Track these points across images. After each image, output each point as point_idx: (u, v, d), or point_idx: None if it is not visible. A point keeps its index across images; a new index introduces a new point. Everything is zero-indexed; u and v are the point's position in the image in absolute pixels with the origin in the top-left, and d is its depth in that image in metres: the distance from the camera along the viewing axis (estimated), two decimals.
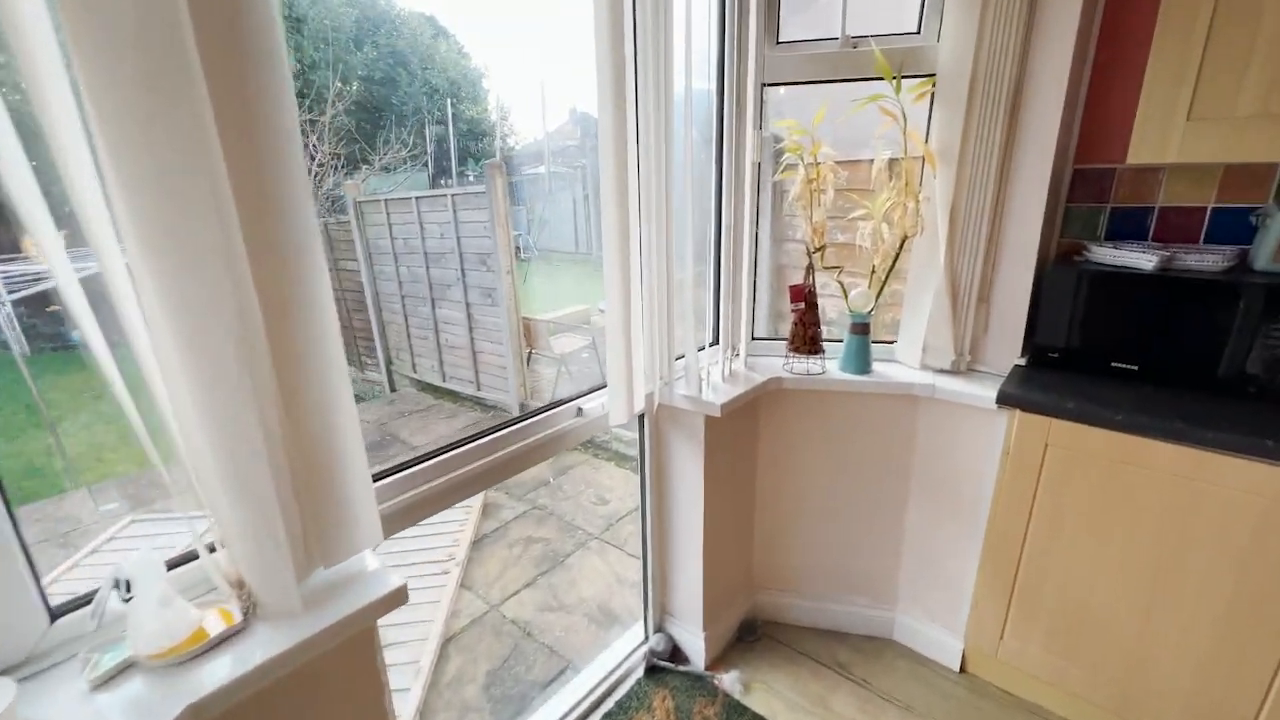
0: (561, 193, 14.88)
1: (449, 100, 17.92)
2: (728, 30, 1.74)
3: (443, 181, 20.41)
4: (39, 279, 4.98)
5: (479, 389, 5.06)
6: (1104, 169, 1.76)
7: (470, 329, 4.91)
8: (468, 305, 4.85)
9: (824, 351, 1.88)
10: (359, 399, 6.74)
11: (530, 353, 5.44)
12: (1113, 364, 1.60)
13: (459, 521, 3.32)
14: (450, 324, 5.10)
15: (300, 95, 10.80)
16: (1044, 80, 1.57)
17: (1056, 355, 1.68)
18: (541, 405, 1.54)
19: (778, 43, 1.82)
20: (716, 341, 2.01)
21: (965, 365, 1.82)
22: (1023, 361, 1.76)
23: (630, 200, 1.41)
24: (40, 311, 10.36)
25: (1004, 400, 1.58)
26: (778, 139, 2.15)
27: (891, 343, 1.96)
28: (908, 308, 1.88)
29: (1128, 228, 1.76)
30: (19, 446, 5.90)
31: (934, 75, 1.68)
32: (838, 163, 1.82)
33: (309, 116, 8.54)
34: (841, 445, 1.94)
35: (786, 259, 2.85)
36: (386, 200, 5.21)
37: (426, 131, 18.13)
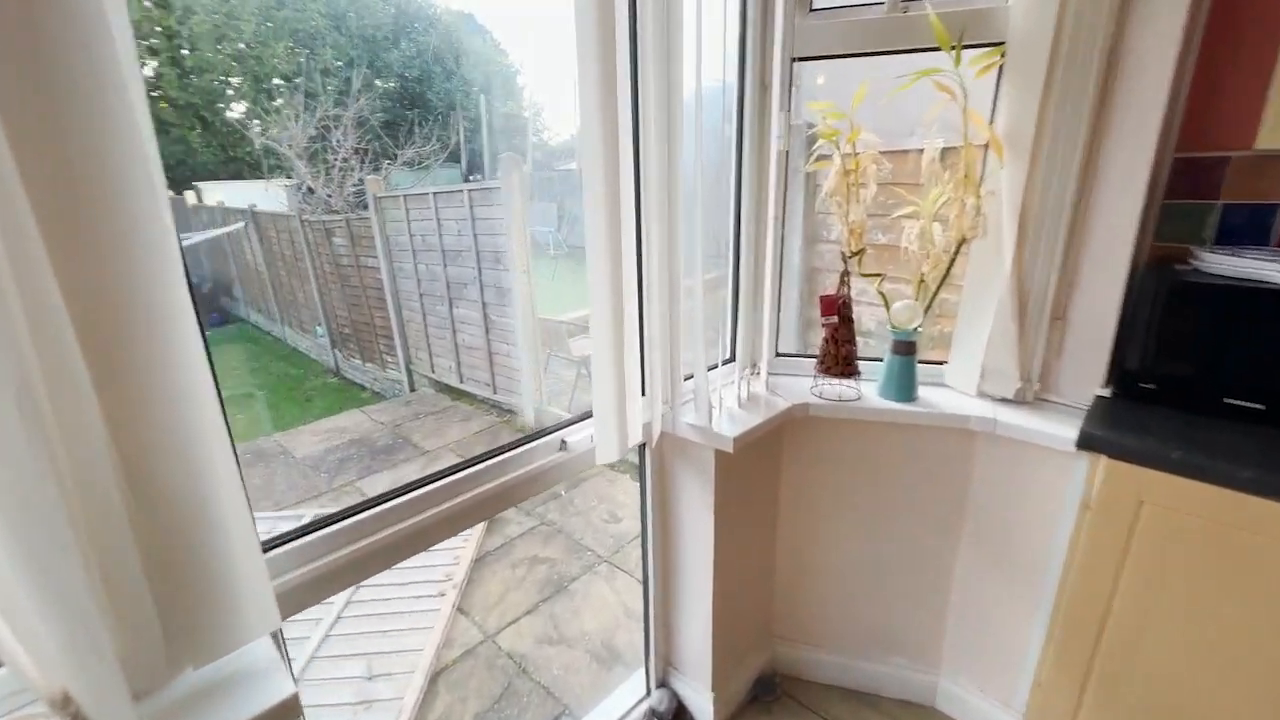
0: None
1: (483, 96, 17.96)
2: None
3: (474, 177, 20.52)
4: None
5: (495, 391, 4.89)
6: (1215, 157, 1.42)
7: (486, 330, 4.74)
8: (484, 305, 4.68)
9: (860, 373, 1.59)
10: (379, 397, 6.68)
11: (549, 355, 5.25)
12: (1229, 401, 1.28)
13: (462, 536, 3.13)
14: (467, 324, 4.94)
15: (340, 92, 10.87)
16: (1147, 45, 1.25)
17: (1152, 387, 1.36)
18: (515, 439, 1.31)
19: (811, 10, 1.54)
20: (734, 359, 1.75)
21: (1033, 395, 1.52)
22: (1106, 393, 1.44)
23: (623, 189, 1.16)
24: None
25: (1087, 443, 1.28)
26: (810, 124, 1.86)
27: (941, 363, 1.66)
28: (963, 322, 1.58)
29: (1245, 229, 1.42)
30: None
31: (1003, 44, 1.38)
32: (881, 152, 1.53)
33: (335, 112, 8.55)
34: (880, 484, 1.66)
35: (820, 261, 2.55)
36: (405, 196, 5.08)
37: (460, 128, 18.23)
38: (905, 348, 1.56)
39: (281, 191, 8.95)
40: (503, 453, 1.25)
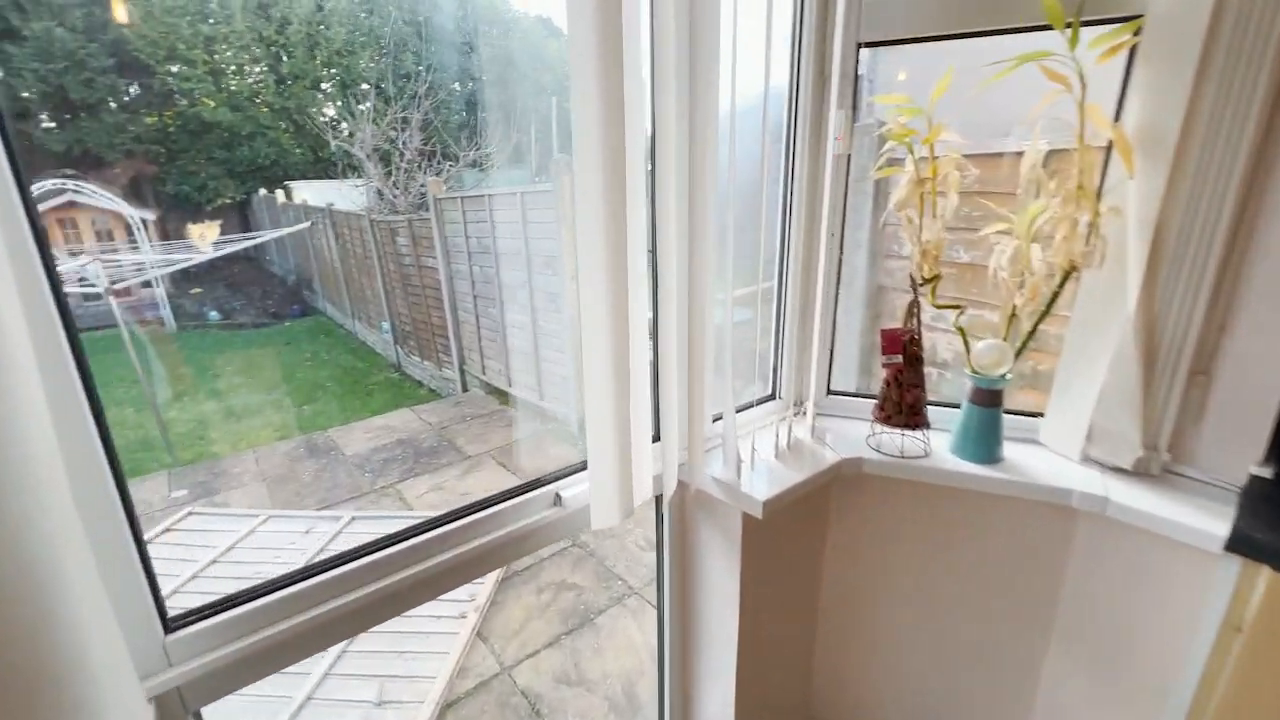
0: None
1: (554, 98, 18.21)
2: None
3: (539, 178, 20.88)
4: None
5: (542, 398, 4.80)
6: None
7: (535, 335, 4.65)
8: (533, 309, 4.60)
9: (929, 424, 1.31)
10: (434, 395, 6.77)
11: None
12: None
13: None
14: (517, 328, 4.88)
15: (411, 96, 11.24)
16: None
17: None
18: (502, 491, 1.13)
19: None
20: (775, 396, 1.51)
21: (1160, 467, 1.19)
22: (1267, 473, 1.10)
23: (628, 180, 0.95)
24: (185, 293, 11.51)
25: (1243, 544, 0.95)
26: (881, 122, 1.58)
27: (1035, 415, 1.35)
28: (1067, 367, 1.27)
29: None
30: (144, 418, 6.43)
31: (1138, 19, 1.07)
32: (966, 155, 1.25)
33: (404, 114, 8.79)
34: (949, 560, 1.37)
35: (889, 279, 2.24)
36: (463, 198, 5.08)
37: (530, 129, 18.57)
38: (988, 397, 1.26)
39: (354, 192, 9.33)
40: (485, 507, 1.07)
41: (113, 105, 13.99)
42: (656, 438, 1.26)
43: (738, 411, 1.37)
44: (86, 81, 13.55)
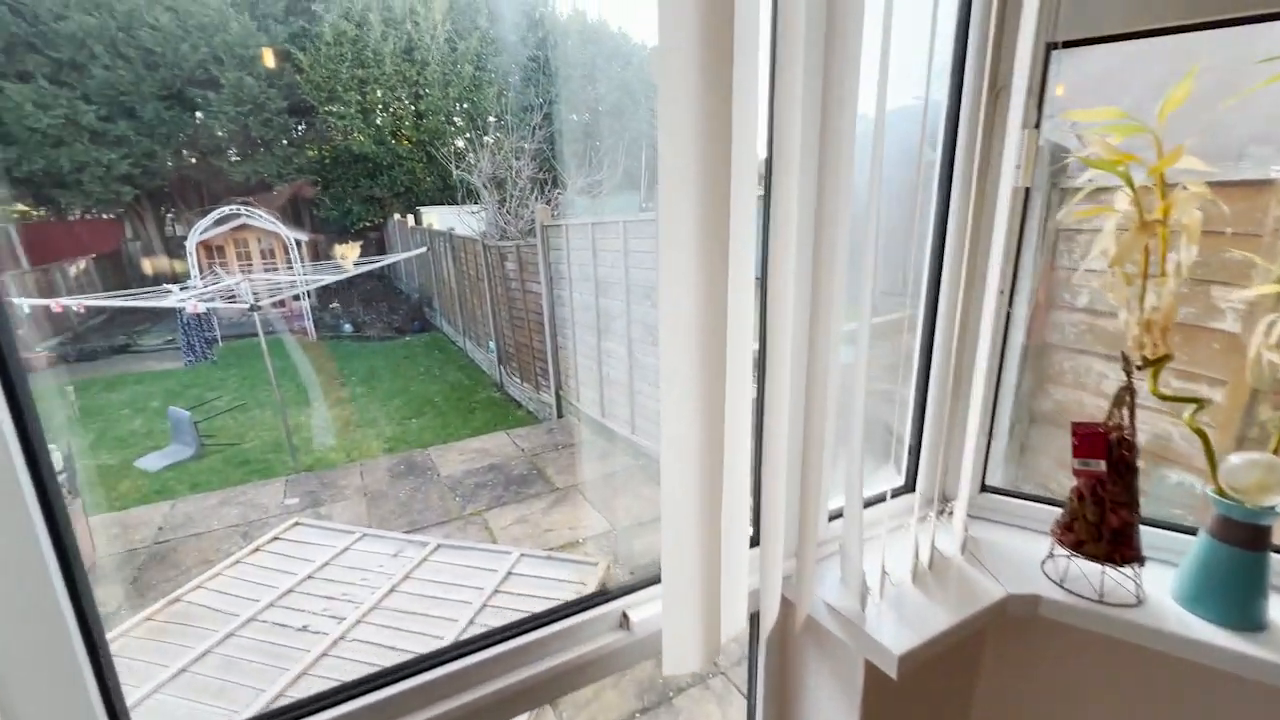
0: None
1: None
2: None
3: (648, 206, 21.16)
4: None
5: (633, 432, 4.63)
6: None
7: (630, 367, 4.51)
8: (629, 340, 4.46)
9: (1141, 559, 0.94)
10: (532, 417, 6.84)
11: None
12: None
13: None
14: (612, 358, 4.77)
15: (530, 126, 11.79)
16: None
17: None
18: (556, 608, 0.92)
19: None
20: (910, 488, 1.19)
21: None
22: None
23: (733, 205, 0.72)
24: (326, 306, 12.73)
25: None
26: (1061, 150, 1.24)
27: None
28: None
29: None
30: (279, 420, 7.04)
31: None
32: (1212, 185, 0.89)
33: (520, 145, 9.17)
34: None
35: (1059, 335, 1.83)
36: (567, 226, 5.10)
37: (642, 156, 18.93)
38: (1247, 535, 0.87)
39: (472, 217, 9.87)
40: (535, 627, 0.86)
41: (284, 141, 16.03)
42: (755, 540, 1.00)
43: (864, 507, 1.07)
44: (265, 121, 15.64)
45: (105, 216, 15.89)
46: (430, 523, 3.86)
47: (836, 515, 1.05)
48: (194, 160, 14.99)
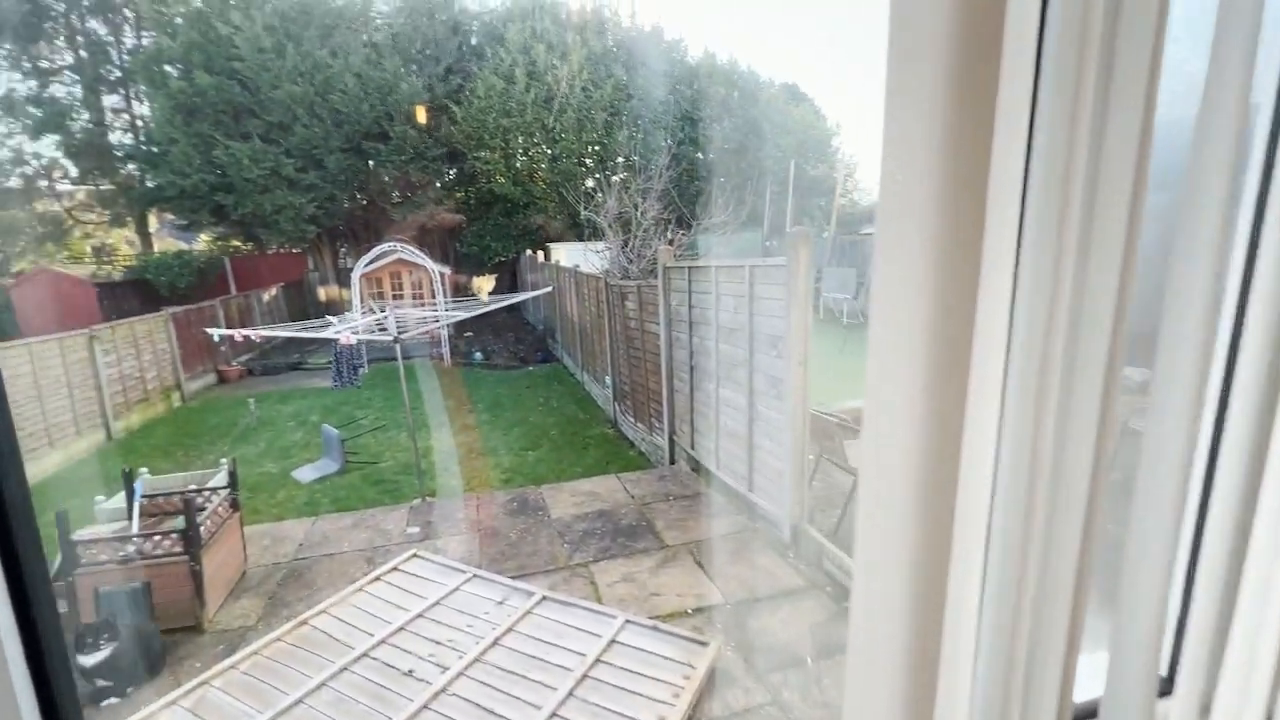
0: None
1: (793, 162, 18.04)
2: None
3: (771, 243, 20.65)
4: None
5: (751, 489, 4.29)
6: None
7: (751, 419, 4.21)
8: (751, 391, 4.17)
9: None
10: (643, 459, 6.68)
11: (819, 457, 4.43)
12: None
13: (671, 686, 2.57)
14: (731, 407, 4.49)
15: (657, 167, 12.02)
16: None
17: None
18: None
19: None
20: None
21: None
22: None
23: (988, 236, 0.47)
24: (460, 335, 13.66)
25: None
26: None
27: None
28: None
29: None
30: (410, 442, 7.51)
31: None
32: None
33: (645, 185, 9.28)
34: None
35: None
36: (690, 268, 4.97)
37: (766, 193, 18.62)
38: None
39: (596, 256, 10.15)
40: None
41: (437, 185, 17.79)
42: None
43: None
44: (423, 167, 17.45)
45: (294, 251, 18.57)
46: (536, 569, 3.78)
47: None
48: (364, 202, 17.09)
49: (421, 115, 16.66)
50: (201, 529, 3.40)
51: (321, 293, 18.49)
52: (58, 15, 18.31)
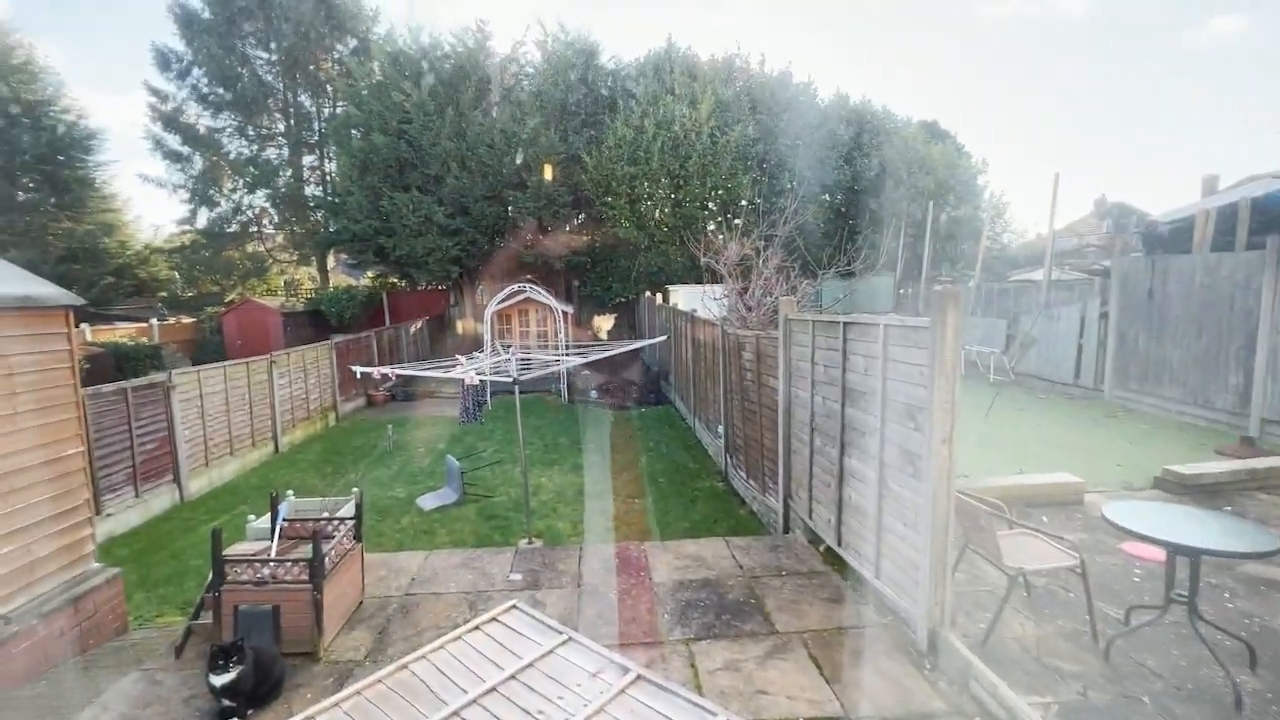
0: (1065, 306, 11.60)
1: (931, 203, 16.77)
2: None
3: (905, 290, 19.18)
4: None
5: (878, 575, 3.77)
6: None
7: (880, 495, 3.72)
8: (881, 465, 3.69)
9: None
10: (754, 520, 6.27)
11: (964, 547, 3.81)
12: None
13: None
14: (857, 479, 4.02)
15: (781, 211, 11.72)
16: None
17: None
18: None
19: None
20: None
21: None
22: None
23: None
24: (578, 372, 13.89)
25: None
26: None
27: None
28: None
29: None
30: (514, 478, 7.64)
31: None
32: None
33: (769, 231, 8.99)
34: None
35: None
36: (814, 322, 4.61)
37: (900, 237, 17.44)
38: None
39: (714, 302, 9.98)
40: None
41: (566, 229, 18.80)
42: None
43: None
44: (554, 213, 18.55)
45: (439, 288, 20.47)
46: (634, 639, 3.55)
47: None
48: (500, 245, 18.47)
49: (556, 165, 17.82)
50: (326, 559, 3.60)
51: (459, 326, 20.11)
52: (277, 92, 22.18)
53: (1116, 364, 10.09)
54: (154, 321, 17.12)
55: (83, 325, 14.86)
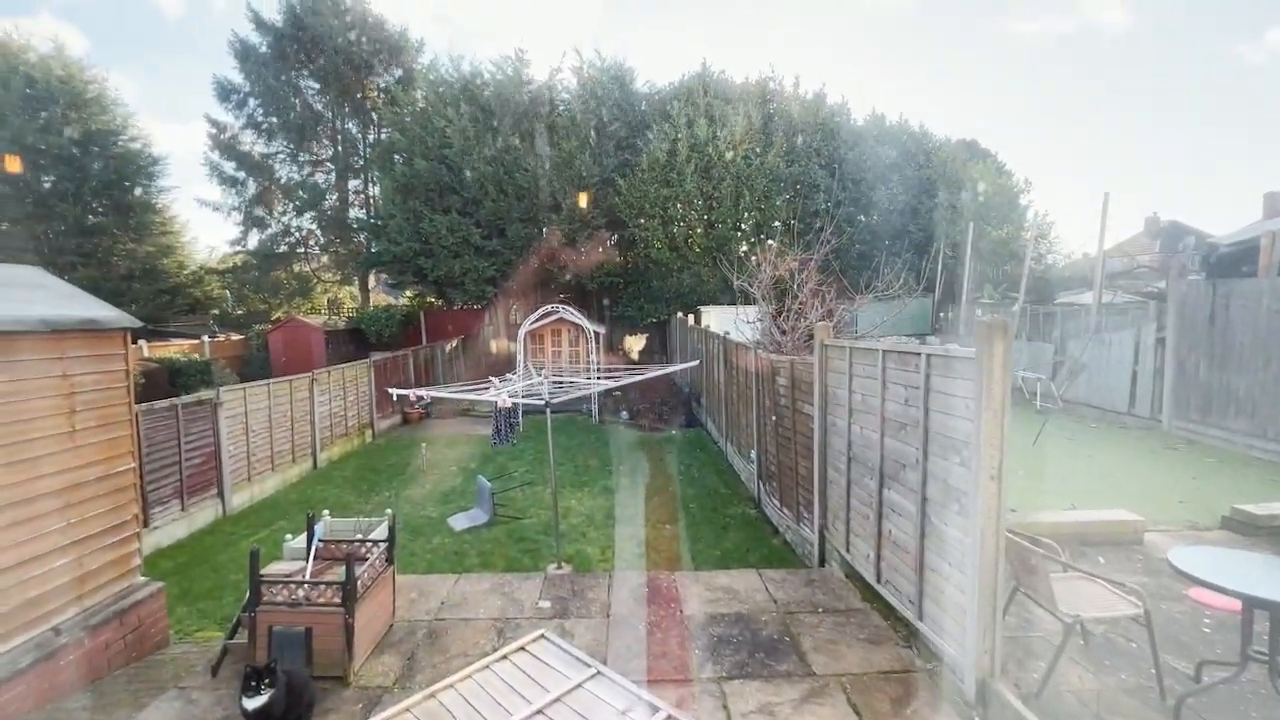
0: (1117, 331, 11.10)
1: (971, 224, 16.34)
2: None
3: (945, 313, 18.65)
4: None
5: (920, 616, 3.59)
6: None
7: (922, 532, 3.56)
8: (923, 500, 3.54)
9: None
10: (787, 550, 6.10)
11: (1014, 589, 3.60)
12: None
13: None
14: (897, 514, 3.86)
15: (817, 232, 11.61)
16: None
17: None
18: None
19: None
20: None
21: None
22: None
23: None
24: (609, 394, 13.90)
25: None
26: None
27: None
28: None
29: None
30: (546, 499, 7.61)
31: None
32: None
33: (803, 254, 8.87)
34: None
35: None
36: (851, 348, 4.50)
37: (939, 259, 17.01)
38: None
39: (747, 326, 9.87)
40: None
41: (599, 250, 18.98)
42: None
43: None
44: (588, 235, 18.76)
45: (474, 307, 20.87)
46: (664, 676, 3.45)
47: None
48: (534, 266, 18.77)
49: (590, 188, 18.09)
50: (359, 582, 3.62)
51: (493, 345, 20.41)
52: (326, 119, 23.21)
53: (1176, 393, 9.56)
54: (205, 338, 17.89)
55: (140, 341, 15.61)
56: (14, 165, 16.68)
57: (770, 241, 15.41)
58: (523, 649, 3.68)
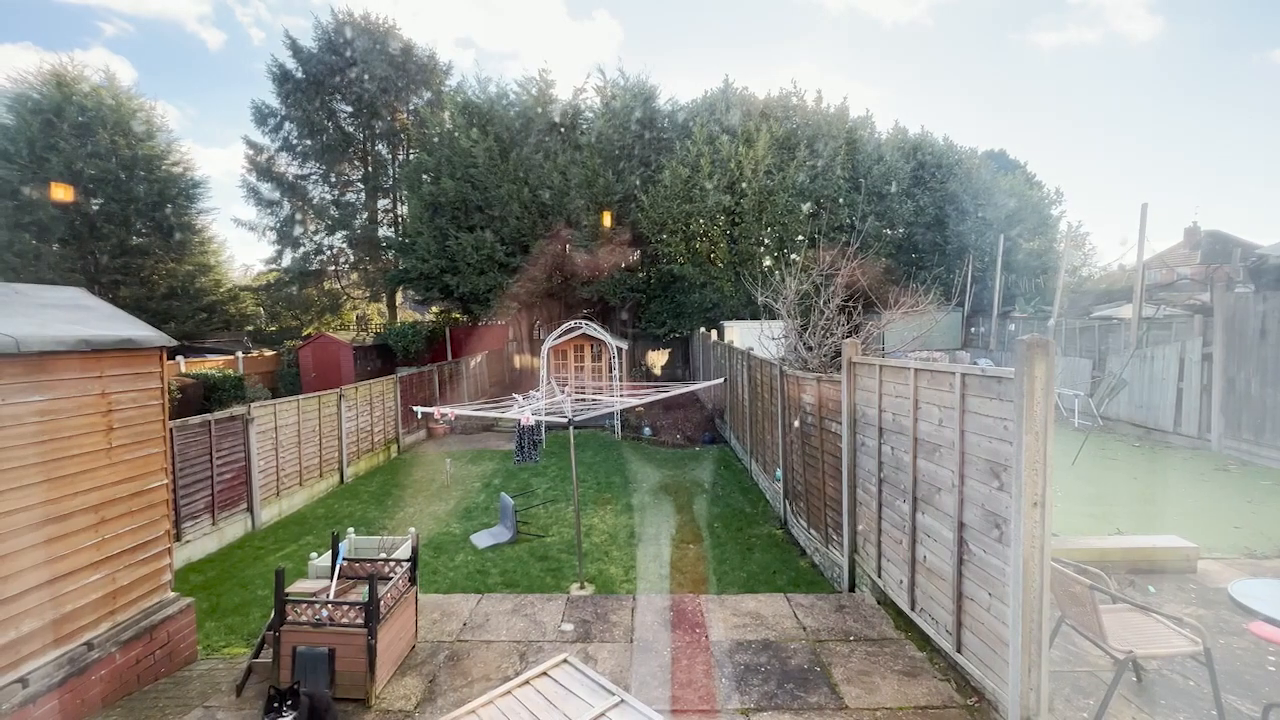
0: (1160, 345, 10.67)
1: (1001, 236, 15.99)
2: None
3: (975, 327, 18.23)
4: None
5: (959, 648, 3.42)
6: None
7: (959, 559, 3.40)
8: (960, 526, 3.39)
9: None
10: (815, 573, 5.93)
11: (1059, 620, 3.42)
12: None
13: None
14: (932, 539, 3.71)
15: (844, 246, 11.45)
16: None
17: None
18: None
19: None
20: None
21: None
22: None
23: None
24: (632, 410, 13.80)
25: None
26: None
27: None
28: None
29: None
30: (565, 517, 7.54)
31: None
32: None
33: (829, 269, 8.74)
34: None
35: None
36: (881, 366, 4.38)
37: (968, 272, 16.67)
38: None
39: (771, 342, 9.75)
40: None
41: (621, 265, 19.04)
42: None
43: None
44: (610, 250, 18.83)
45: (499, 323, 21.10)
46: (689, 706, 3.34)
47: None
48: (557, 282, 18.91)
49: (613, 205, 18.22)
50: (381, 603, 3.60)
51: (516, 360, 20.56)
52: (358, 141, 23.90)
53: (1226, 411, 9.13)
54: (239, 354, 18.38)
55: (177, 357, 16.08)
56: (67, 194, 17.50)
57: (794, 256, 15.29)
58: (545, 674, 3.61)
